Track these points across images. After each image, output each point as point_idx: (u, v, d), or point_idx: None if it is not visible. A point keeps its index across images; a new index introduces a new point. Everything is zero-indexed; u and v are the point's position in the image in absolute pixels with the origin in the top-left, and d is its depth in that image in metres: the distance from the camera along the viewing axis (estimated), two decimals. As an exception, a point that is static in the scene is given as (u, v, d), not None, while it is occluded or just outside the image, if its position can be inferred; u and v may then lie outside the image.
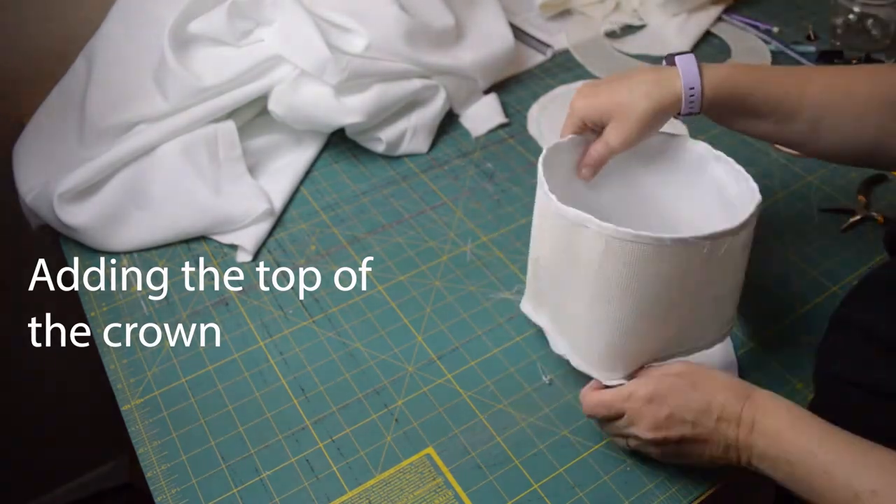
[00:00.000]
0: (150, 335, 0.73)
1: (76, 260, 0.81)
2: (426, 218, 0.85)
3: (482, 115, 0.99)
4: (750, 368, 0.70)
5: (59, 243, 0.83)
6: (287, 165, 0.90)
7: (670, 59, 0.65)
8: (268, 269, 0.80)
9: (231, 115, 0.86)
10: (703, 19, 1.16)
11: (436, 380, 0.69)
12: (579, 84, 1.05)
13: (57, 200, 0.78)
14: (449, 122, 0.98)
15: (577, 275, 0.59)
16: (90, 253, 0.82)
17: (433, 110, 0.94)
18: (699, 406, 0.55)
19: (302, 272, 0.79)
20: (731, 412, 0.54)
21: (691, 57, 0.64)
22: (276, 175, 0.88)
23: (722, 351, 0.69)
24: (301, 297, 0.77)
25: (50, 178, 0.81)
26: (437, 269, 0.79)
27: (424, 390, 0.69)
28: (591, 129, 0.67)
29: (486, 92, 1.02)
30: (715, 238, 0.56)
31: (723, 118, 0.67)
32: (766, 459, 0.53)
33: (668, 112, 0.64)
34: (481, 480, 0.62)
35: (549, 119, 0.99)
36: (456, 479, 0.62)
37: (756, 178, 0.90)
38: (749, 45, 1.12)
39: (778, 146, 0.95)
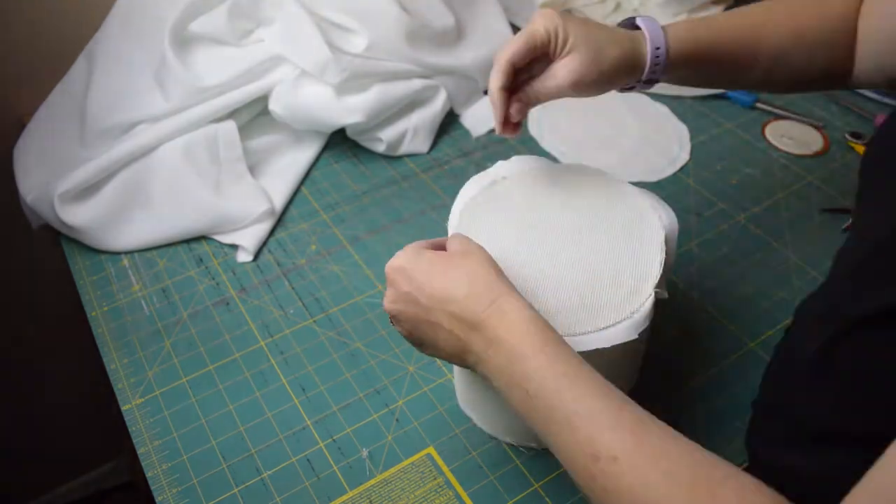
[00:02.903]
0: (151, 335, 0.73)
1: (77, 260, 0.81)
2: (427, 218, 0.85)
3: (482, 115, 0.99)
4: (749, 368, 0.70)
5: (59, 243, 0.83)
6: (287, 165, 0.90)
7: (629, 23, 0.62)
8: (268, 268, 0.80)
9: (232, 114, 0.86)
10: (703, 19, 1.16)
11: (436, 379, 0.69)
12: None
13: (58, 200, 0.78)
14: (449, 122, 0.98)
15: None
16: (91, 253, 0.82)
17: (433, 110, 0.94)
18: (438, 294, 0.50)
19: (303, 272, 0.79)
20: (470, 313, 0.48)
21: (654, 20, 0.61)
22: (277, 175, 0.89)
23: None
24: (301, 296, 0.77)
25: (51, 178, 0.81)
26: (437, 269, 0.79)
27: (425, 390, 0.69)
28: (536, 57, 0.59)
29: (487, 92, 1.02)
30: None
31: (682, 78, 0.65)
32: (502, 378, 0.48)
33: (632, 73, 0.60)
34: (482, 480, 0.62)
35: (550, 119, 1.00)
36: (457, 479, 0.62)
37: (756, 178, 0.91)
38: (749, 45, 1.12)
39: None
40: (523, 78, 0.61)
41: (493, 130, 0.97)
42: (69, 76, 0.91)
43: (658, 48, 0.60)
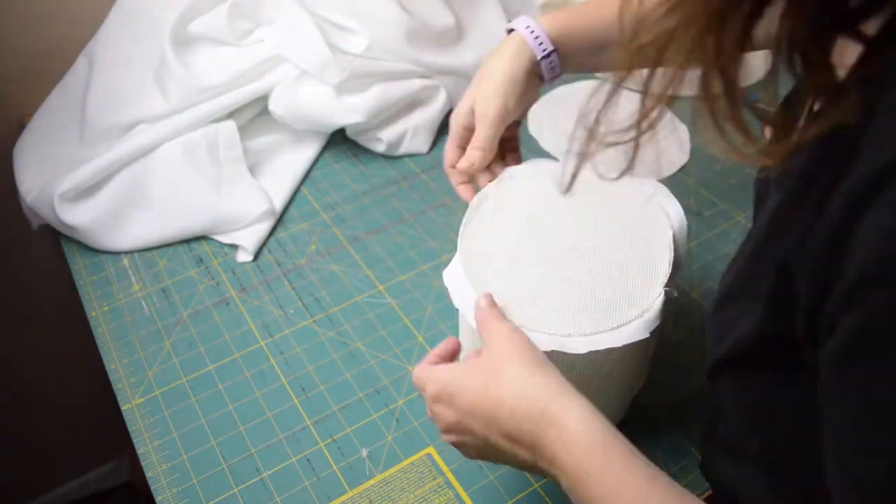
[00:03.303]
0: (151, 335, 0.73)
1: (77, 260, 0.81)
2: (426, 218, 0.85)
3: (482, 115, 0.99)
4: (750, 368, 0.70)
5: (59, 243, 0.83)
6: (287, 165, 0.90)
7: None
8: (268, 268, 0.80)
9: (231, 114, 0.86)
10: (703, 19, 1.16)
11: (436, 379, 0.69)
12: (581, 84, 1.05)
13: (58, 200, 0.78)
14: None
15: None
16: (91, 253, 0.82)
17: (433, 110, 0.94)
18: (488, 415, 0.46)
19: (303, 272, 0.79)
20: (525, 433, 0.45)
21: (527, 19, 0.62)
22: (277, 175, 0.89)
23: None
24: (301, 296, 0.77)
25: (51, 178, 0.81)
26: (437, 269, 0.79)
27: (425, 390, 0.69)
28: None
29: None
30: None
31: (574, 66, 0.66)
32: (573, 495, 0.44)
33: (528, 77, 0.63)
34: (482, 480, 0.62)
35: (550, 119, 1.00)
36: (456, 479, 0.62)
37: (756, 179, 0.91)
38: (749, 45, 1.12)
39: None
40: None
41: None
42: (69, 76, 0.91)
43: (544, 49, 0.62)
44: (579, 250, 0.58)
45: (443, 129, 0.97)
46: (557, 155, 0.94)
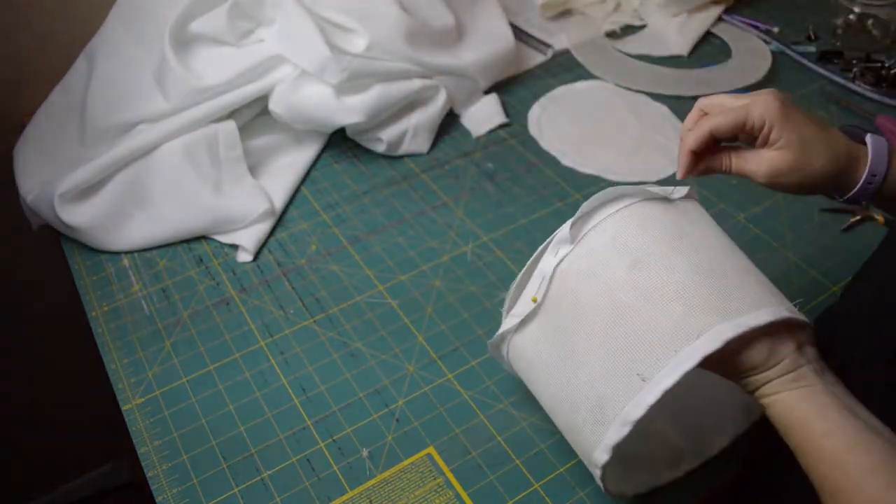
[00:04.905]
0: (151, 335, 0.73)
1: (77, 260, 0.81)
2: (427, 218, 0.85)
3: (483, 115, 0.99)
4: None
5: (59, 243, 0.83)
6: (288, 165, 0.90)
7: (856, 133, 0.57)
8: (268, 268, 0.80)
9: (232, 114, 0.86)
10: (703, 19, 1.16)
11: (436, 380, 0.69)
12: (579, 84, 1.06)
13: (58, 200, 0.78)
14: (449, 122, 0.98)
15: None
16: (91, 253, 0.82)
17: (434, 110, 0.94)
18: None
19: (303, 272, 0.79)
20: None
21: (885, 142, 0.56)
22: (277, 175, 0.89)
23: None
24: (302, 296, 0.77)
25: (51, 178, 0.81)
26: (437, 270, 0.79)
27: (425, 390, 0.69)
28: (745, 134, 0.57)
29: (487, 92, 1.02)
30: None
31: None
32: (799, 411, 0.48)
33: (837, 189, 0.57)
34: (482, 480, 0.62)
35: (550, 119, 1.00)
36: (457, 479, 0.62)
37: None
38: (749, 46, 1.12)
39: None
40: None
41: (492, 130, 0.97)
42: (69, 76, 0.91)
43: (875, 175, 0.55)
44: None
45: (443, 129, 0.97)
46: (557, 155, 0.94)
